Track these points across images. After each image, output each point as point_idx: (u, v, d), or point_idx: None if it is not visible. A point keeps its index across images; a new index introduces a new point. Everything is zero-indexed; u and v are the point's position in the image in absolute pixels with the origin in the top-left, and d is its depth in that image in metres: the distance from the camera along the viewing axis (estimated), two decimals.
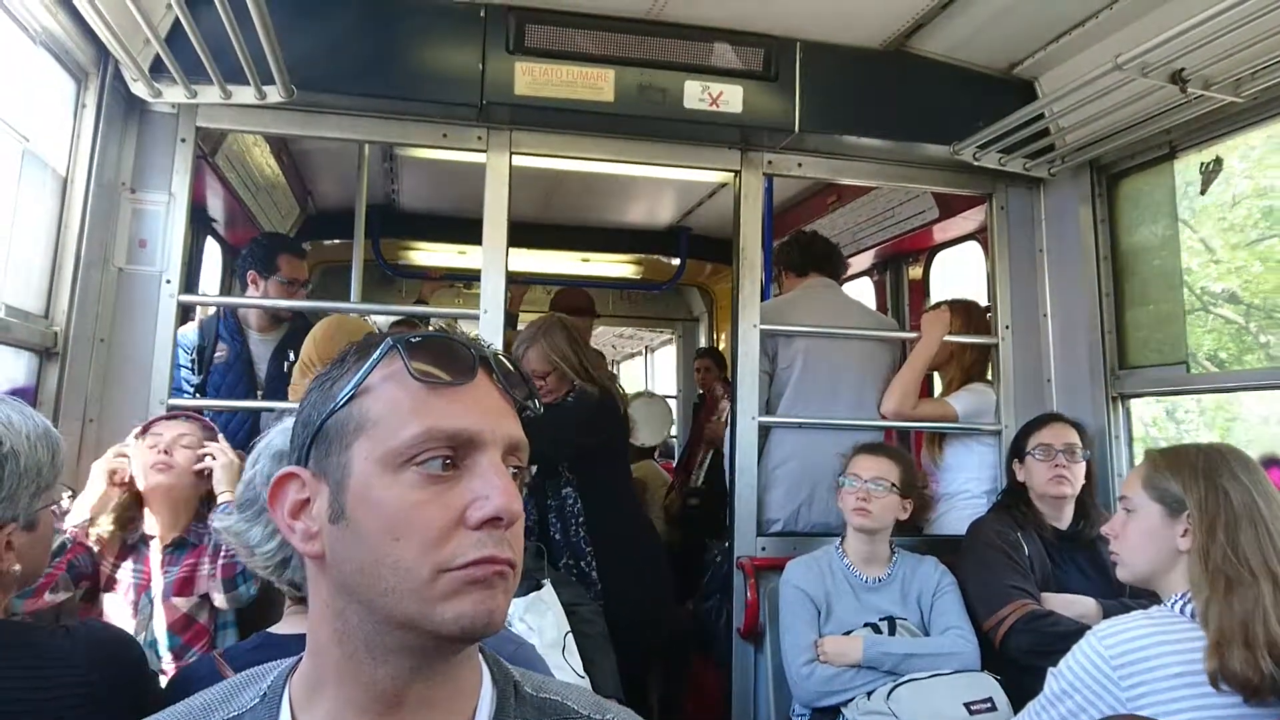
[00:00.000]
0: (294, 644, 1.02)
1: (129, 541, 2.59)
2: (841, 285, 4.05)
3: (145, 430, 2.61)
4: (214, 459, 2.58)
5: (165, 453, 2.54)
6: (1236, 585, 1.84)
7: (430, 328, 1.35)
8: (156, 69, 2.86)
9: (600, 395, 3.60)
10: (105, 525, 2.53)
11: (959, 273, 4.99)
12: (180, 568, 2.58)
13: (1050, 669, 1.99)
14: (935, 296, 5.03)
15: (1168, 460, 2.08)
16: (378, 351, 0.93)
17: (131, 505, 2.59)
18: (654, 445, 6.38)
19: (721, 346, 6.61)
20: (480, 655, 1.01)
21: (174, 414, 2.75)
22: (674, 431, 7.42)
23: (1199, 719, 1.76)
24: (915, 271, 5.24)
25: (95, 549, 2.50)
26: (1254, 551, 1.86)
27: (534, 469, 3.68)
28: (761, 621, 3.26)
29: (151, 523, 2.60)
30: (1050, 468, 3.07)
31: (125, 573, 2.56)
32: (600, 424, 3.58)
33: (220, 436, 2.68)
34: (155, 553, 2.58)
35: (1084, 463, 3.09)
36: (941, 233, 4.77)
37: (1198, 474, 1.98)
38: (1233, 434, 4.38)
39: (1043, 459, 3.09)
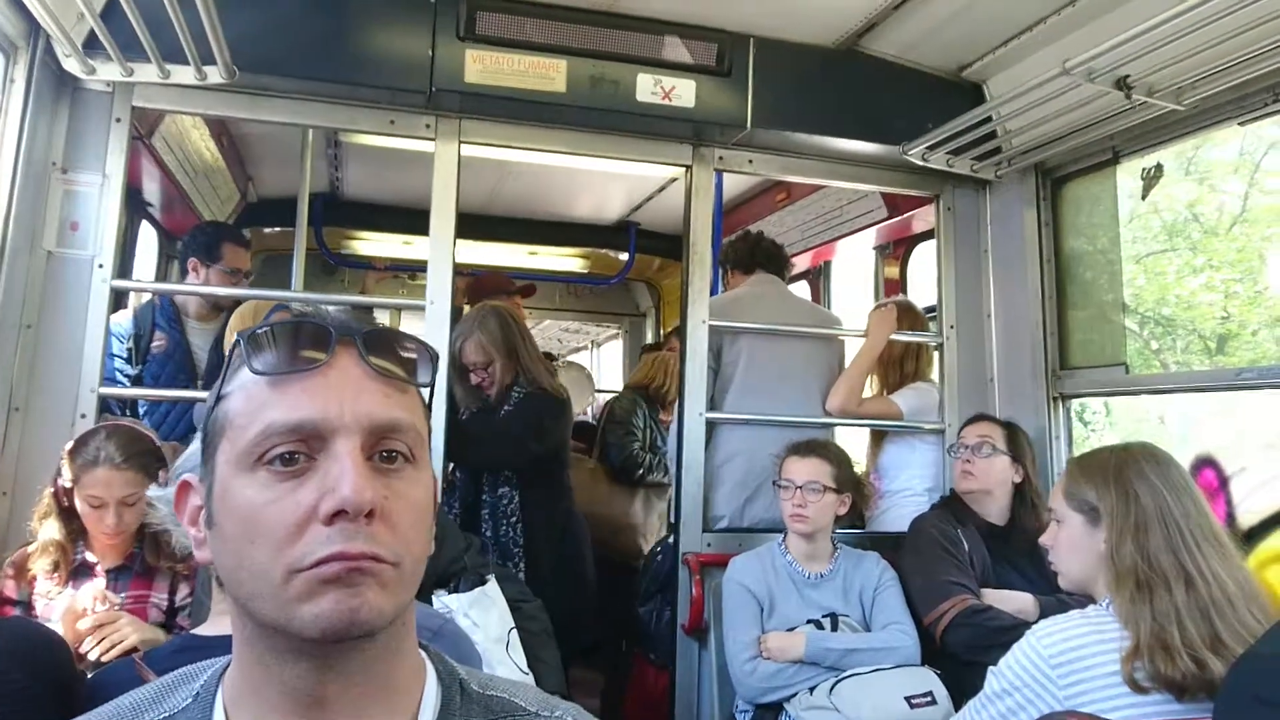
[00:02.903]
0: (217, 646, 0.98)
1: (68, 571, 2.46)
2: (788, 284, 4.06)
3: (77, 461, 2.39)
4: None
5: (117, 520, 2.40)
6: (1148, 589, 1.86)
7: (374, 317, 1.29)
8: (91, 45, 2.74)
9: (550, 396, 3.58)
10: (44, 563, 2.43)
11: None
12: (127, 598, 2.45)
13: (990, 668, 2.01)
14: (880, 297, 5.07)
15: (1082, 468, 2.11)
16: (231, 350, 0.90)
17: (68, 537, 2.46)
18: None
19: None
20: (425, 652, 0.97)
21: (109, 429, 2.47)
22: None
23: (1135, 716, 1.79)
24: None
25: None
26: (1164, 552, 1.88)
27: (452, 467, 3.62)
28: (706, 618, 3.25)
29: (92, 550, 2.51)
30: (960, 464, 3.17)
31: (67, 599, 2.44)
32: (554, 429, 3.57)
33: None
34: (101, 579, 2.47)
35: (999, 458, 3.12)
36: (891, 234, 4.81)
37: (1109, 479, 2.01)
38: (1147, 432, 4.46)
39: (956, 456, 3.20)
